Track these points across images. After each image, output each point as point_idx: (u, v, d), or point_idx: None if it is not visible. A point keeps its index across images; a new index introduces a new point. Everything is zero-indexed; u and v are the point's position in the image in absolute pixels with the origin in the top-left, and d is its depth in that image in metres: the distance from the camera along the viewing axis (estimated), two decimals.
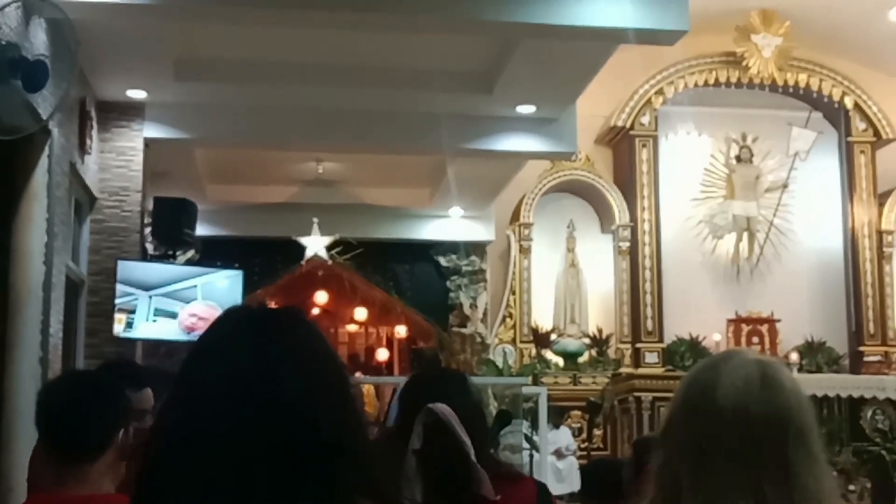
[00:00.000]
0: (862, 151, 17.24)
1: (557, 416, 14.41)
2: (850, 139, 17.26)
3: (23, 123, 6.63)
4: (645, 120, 16.73)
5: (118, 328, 10.04)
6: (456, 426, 2.72)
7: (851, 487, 12.79)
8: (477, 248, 16.38)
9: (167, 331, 10.42)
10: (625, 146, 16.87)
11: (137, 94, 10.47)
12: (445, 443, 2.71)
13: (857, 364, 16.39)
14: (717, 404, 1.66)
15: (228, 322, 1.55)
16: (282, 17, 8.47)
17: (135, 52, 9.40)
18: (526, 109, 11.08)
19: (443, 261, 16.30)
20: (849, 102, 17.04)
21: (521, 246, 16.56)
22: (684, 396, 1.72)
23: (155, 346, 10.54)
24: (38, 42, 7.57)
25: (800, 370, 14.90)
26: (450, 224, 15.85)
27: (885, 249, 17.05)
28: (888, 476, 12.65)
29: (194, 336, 10.18)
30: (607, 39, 9.14)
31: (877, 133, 17.09)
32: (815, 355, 16.53)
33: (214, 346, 1.51)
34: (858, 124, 17.19)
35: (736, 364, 1.71)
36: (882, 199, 17.15)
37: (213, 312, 10.29)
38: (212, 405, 1.43)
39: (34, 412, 2.81)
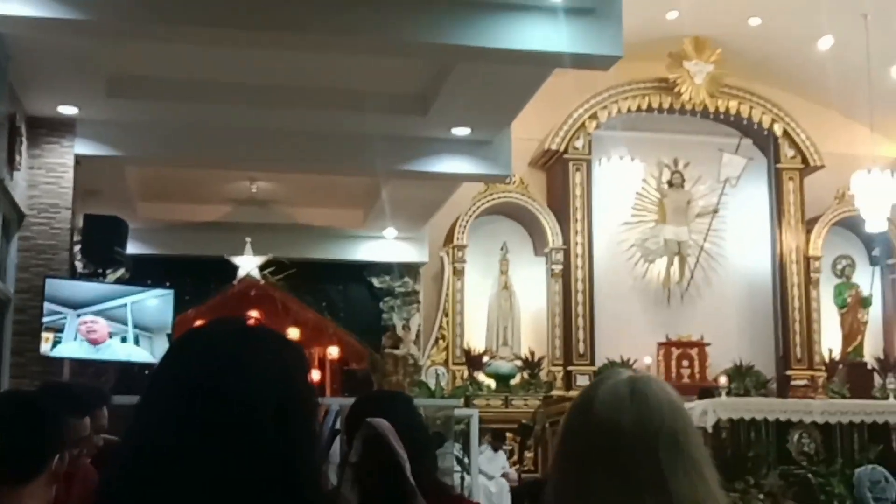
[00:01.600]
0: (790, 178, 17.52)
1: (498, 440, 14.43)
2: (779, 166, 17.53)
3: None
4: (579, 144, 16.85)
5: (45, 347, 9.89)
6: (393, 441, 2.72)
7: None
8: (410, 270, 16.37)
9: (85, 349, 10.28)
10: (558, 169, 16.98)
11: (68, 111, 10.34)
12: (382, 456, 2.71)
13: (784, 388, 16.60)
14: (592, 420, 1.71)
15: (204, 335, 1.57)
16: (215, 37, 8.42)
17: (66, 68, 9.29)
18: (461, 132, 11.12)
19: (376, 282, 16.27)
20: (778, 130, 17.31)
21: (454, 268, 16.57)
22: (566, 419, 1.78)
23: (83, 366, 10.37)
24: None
25: (728, 393, 15.01)
26: (383, 245, 15.83)
27: (812, 275, 17.32)
28: (814, 499, 12.78)
29: (103, 348, 10.08)
30: (543, 63, 9.20)
31: (805, 160, 17.38)
32: (743, 379, 16.71)
33: (172, 363, 1.53)
34: (787, 151, 17.47)
35: (609, 381, 1.77)
36: (809, 225, 17.43)
37: (98, 319, 10.19)
38: (162, 421, 1.45)
39: None
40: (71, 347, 10.09)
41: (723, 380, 16.04)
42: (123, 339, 10.32)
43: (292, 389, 1.52)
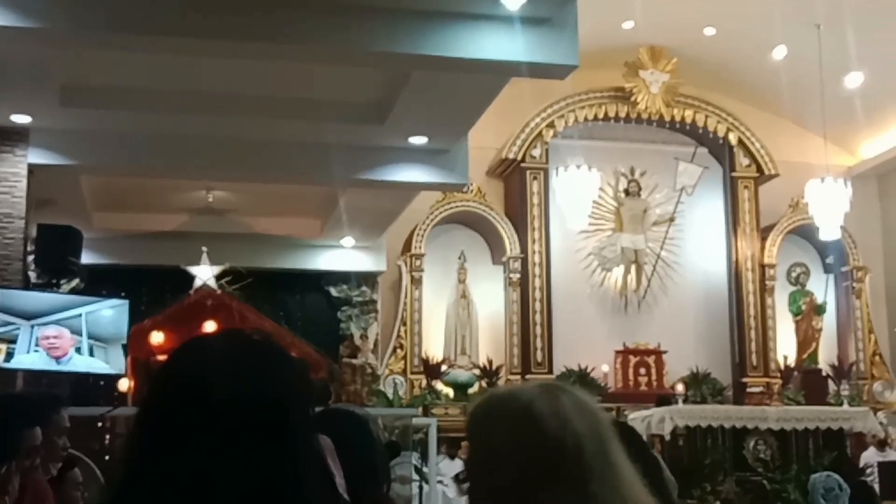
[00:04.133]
0: (745, 186, 17.66)
1: (453, 447, 14.41)
2: (733, 174, 17.68)
3: None
4: (536, 152, 16.91)
5: None
6: (329, 459, 2.71)
7: None
8: (368, 279, 16.35)
9: (44, 361, 10.17)
10: (516, 178, 17.03)
11: (21, 119, 10.24)
12: None
13: (740, 395, 16.72)
14: (543, 434, 1.72)
15: (209, 346, 1.63)
16: (170, 45, 8.37)
17: (19, 76, 9.20)
18: (418, 140, 11.12)
19: (334, 291, 16.24)
20: (733, 139, 17.46)
21: (412, 276, 16.56)
22: (502, 434, 1.76)
23: (37, 378, 10.26)
24: None
25: (685, 401, 15.10)
26: (341, 254, 15.80)
27: (767, 282, 17.46)
28: None
29: (64, 362, 9.98)
30: (499, 72, 9.22)
31: (759, 169, 17.53)
32: (699, 386, 16.82)
33: (193, 367, 1.57)
34: (742, 160, 17.61)
35: (540, 397, 1.77)
36: (764, 233, 17.58)
37: (64, 333, 10.09)
38: (168, 428, 1.50)
39: None
40: (27, 359, 9.97)
41: (679, 387, 16.12)
42: (78, 350, 10.21)
43: (294, 398, 1.57)
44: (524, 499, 1.70)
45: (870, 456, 13.53)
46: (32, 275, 11.17)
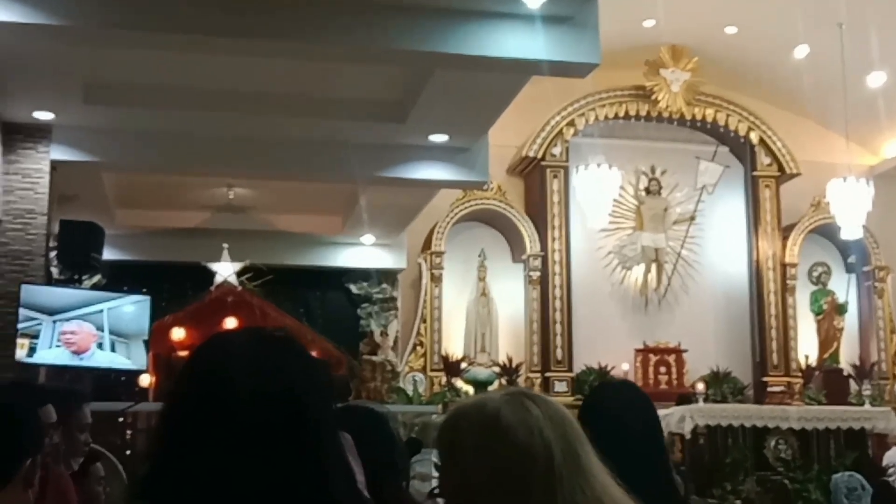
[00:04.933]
0: (767, 186, 17.60)
1: None
2: (755, 173, 17.61)
3: None
4: (556, 151, 16.89)
5: (20, 353, 9.84)
6: (349, 456, 2.72)
7: None
8: (388, 276, 16.37)
9: (67, 357, 10.23)
10: (536, 176, 17.01)
11: (45, 116, 10.30)
12: None
13: (760, 394, 16.65)
14: (523, 446, 1.73)
15: (231, 342, 1.65)
16: (192, 43, 8.40)
17: (43, 74, 9.26)
18: (439, 138, 11.13)
19: (354, 288, 16.26)
20: (754, 137, 17.39)
21: (432, 274, 16.57)
22: (473, 442, 1.77)
23: (59, 372, 10.32)
24: None
25: (706, 400, 15.06)
26: (361, 252, 15.82)
27: (788, 282, 17.39)
28: None
29: (86, 357, 10.03)
30: (521, 71, 9.22)
31: (781, 168, 17.46)
32: (720, 385, 16.76)
33: (216, 364, 1.59)
34: (763, 159, 17.54)
35: (508, 406, 1.78)
36: (786, 232, 17.51)
37: (84, 328, 10.14)
38: (195, 424, 1.53)
39: None
40: (49, 354, 10.03)
41: (700, 386, 16.06)
42: (100, 346, 10.27)
43: (314, 395, 1.59)
44: None
45: (892, 456, 13.45)
46: (55, 270, 11.24)
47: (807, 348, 17.45)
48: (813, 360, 17.44)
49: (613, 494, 1.74)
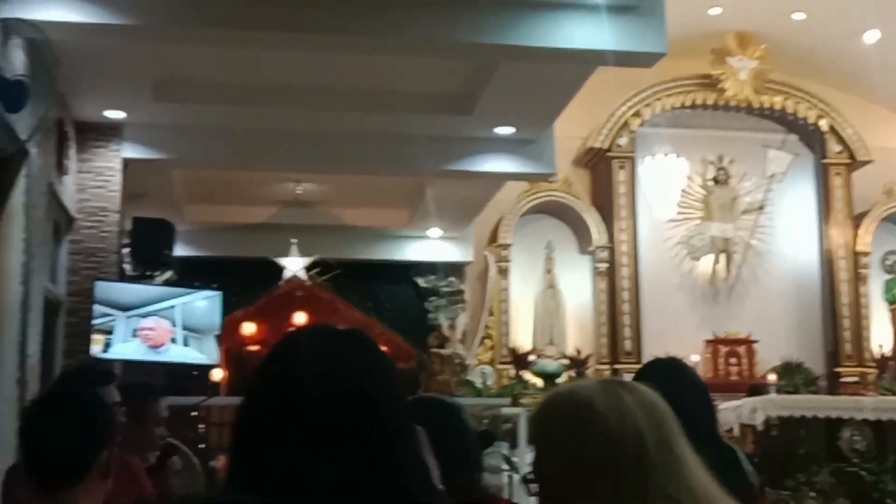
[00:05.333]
0: (837, 173, 17.36)
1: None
2: (825, 161, 17.38)
3: (1, 144, 6.60)
4: (622, 141, 16.80)
5: (96, 349, 9.99)
6: (424, 450, 2.73)
7: None
8: (455, 269, 16.40)
9: (142, 351, 10.37)
10: (602, 167, 16.94)
11: (116, 115, 10.44)
12: None
13: (834, 385, 16.46)
14: (616, 435, 1.73)
15: (302, 341, 1.65)
16: (260, 40, 8.47)
17: (113, 73, 9.38)
18: (505, 131, 11.11)
19: (421, 282, 16.30)
20: (824, 125, 17.16)
21: (499, 267, 16.57)
22: (578, 439, 1.77)
23: (133, 367, 10.47)
24: (17, 62, 7.56)
25: (777, 391, 14.89)
26: (428, 245, 15.86)
27: (860, 271, 17.14)
28: (867, 496, 12.65)
29: (161, 352, 10.16)
30: (586, 61, 9.18)
31: (852, 155, 17.21)
32: (792, 376, 16.57)
33: (287, 364, 1.60)
34: (834, 147, 17.31)
35: (601, 395, 1.79)
36: (857, 220, 17.26)
37: (161, 324, 10.27)
38: (270, 423, 1.54)
39: (15, 437, 2.78)
40: (124, 349, 10.18)
41: (771, 377, 15.92)
42: (173, 341, 10.40)
43: (390, 390, 1.61)
44: (585, 495, 1.70)
45: None
46: (127, 267, 11.39)
47: (881, 338, 17.20)
48: (887, 350, 17.19)
49: (708, 489, 1.73)
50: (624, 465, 1.70)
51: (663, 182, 16.54)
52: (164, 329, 10.31)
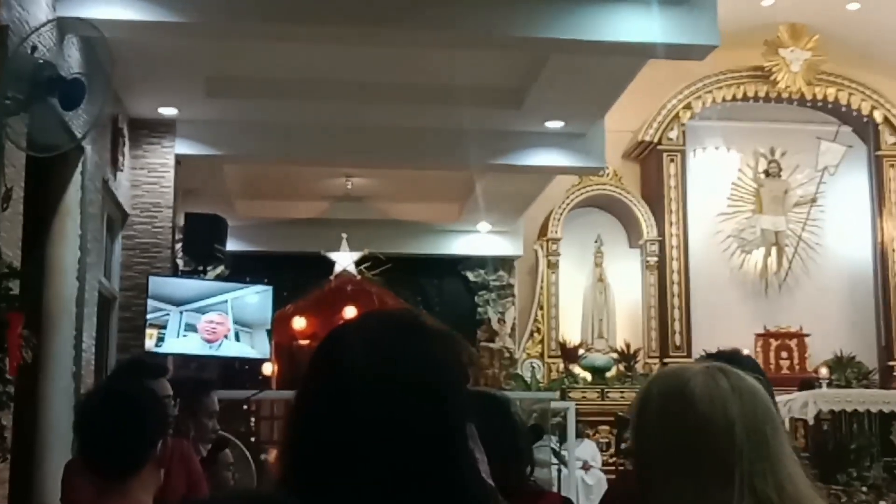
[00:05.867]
0: (891, 165, 17.18)
1: (581, 429, 14.39)
2: (879, 153, 17.21)
3: (58, 141, 6.70)
4: (673, 135, 16.72)
5: (149, 343, 10.08)
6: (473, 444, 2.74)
7: (882, 503, 12.69)
8: (505, 263, 16.40)
9: (198, 346, 10.46)
10: (652, 161, 16.87)
11: (168, 112, 10.54)
12: None
13: (887, 379, 16.29)
14: (702, 418, 1.72)
15: (378, 325, 1.60)
16: (311, 35, 8.51)
17: (166, 70, 9.47)
18: (554, 125, 11.09)
19: (471, 276, 16.32)
20: (878, 116, 16.98)
21: (548, 261, 16.56)
22: (663, 419, 1.77)
23: (186, 361, 10.58)
24: (73, 61, 7.67)
25: (829, 385, 14.79)
26: (478, 239, 15.87)
27: None
28: None
29: (215, 346, 10.25)
30: (637, 55, 9.14)
31: None
32: (844, 370, 16.44)
33: (364, 346, 1.55)
34: (888, 138, 17.13)
35: (700, 377, 1.77)
36: None
37: (226, 319, 10.34)
38: (327, 414, 1.50)
39: (72, 430, 2.84)
40: (180, 343, 10.27)
41: (823, 371, 15.81)
42: (226, 336, 10.49)
43: (455, 381, 1.56)
44: (671, 475, 1.71)
45: None
46: (180, 262, 11.50)
47: None
48: None
49: (799, 487, 1.70)
50: (709, 450, 1.69)
51: (714, 175, 16.48)
52: (227, 324, 10.39)
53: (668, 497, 1.71)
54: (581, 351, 16.53)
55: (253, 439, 11.81)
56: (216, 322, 10.30)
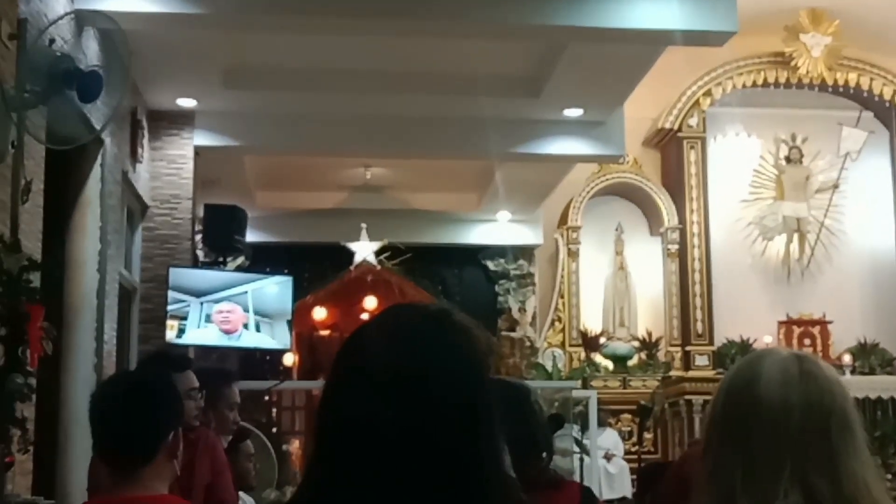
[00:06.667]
0: None
1: (603, 418, 14.37)
2: None
3: (77, 134, 6.71)
4: (693, 122, 16.65)
5: (170, 335, 10.12)
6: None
7: None
8: (525, 252, 16.37)
9: (218, 337, 10.48)
10: (673, 148, 16.80)
11: (187, 103, 10.56)
12: None
13: None
14: (760, 399, 1.69)
15: (393, 320, 1.58)
16: (328, 25, 8.51)
17: (184, 62, 9.49)
18: (573, 113, 11.06)
19: (491, 265, 16.30)
20: None
21: (569, 249, 16.52)
22: (727, 396, 1.75)
23: (207, 352, 10.61)
24: (92, 53, 7.68)
25: (852, 372, 14.74)
26: (498, 228, 15.85)
27: None
28: None
29: (235, 337, 10.27)
30: (655, 42, 9.11)
31: None
32: (867, 357, 16.36)
33: (373, 343, 1.54)
34: None
35: (774, 359, 1.75)
36: None
37: (235, 307, 10.36)
38: (370, 398, 1.47)
39: (88, 419, 2.86)
40: (198, 334, 10.30)
41: (847, 358, 15.74)
42: (245, 326, 10.52)
43: (482, 374, 1.53)
44: (725, 453, 1.70)
45: None
46: (200, 253, 11.53)
47: None
48: None
49: (860, 489, 1.63)
50: (761, 433, 1.66)
51: (735, 162, 16.40)
52: (239, 313, 10.40)
53: (719, 476, 1.69)
54: (602, 339, 16.50)
55: (274, 430, 11.86)
56: (226, 311, 10.33)
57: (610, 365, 16.41)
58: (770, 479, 1.63)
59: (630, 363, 16.45)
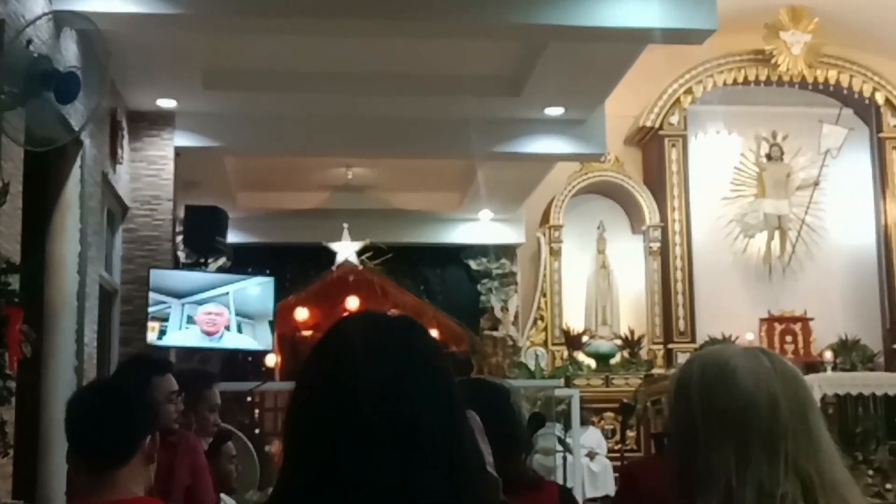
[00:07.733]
0: (894, 147, 17.15)
1: (585, 416, 14.37)
2: (881, 135, 17.17)
3: (55, 135, 6.68)
4: (674, 120, 16.69)
5: (151, 336, 10.07)
6: (478, 435, 2.72)
7: (888, 486, 12.69)
8: (507, 251, 16.39)
9: (199, 338, 10.44)
10: (654, 146, 16.84)
11: (167, 104, 10.52)
12: None
13: (892, 361, 16.27)
14: (743, 390, 1.73)
15: (352, 329, 1.59)
16: (308, 26, 8.49)
17: (164, 62, 9.45)
18: (554, 111, 11.06)
19: (473, 264, 16.31)
20: (880, 98, 16.94)
21: (551, 248, 16.54)
22: (702, 393, 1.77)
23: (189, 354, 10.57)
24: (70, 54, 7.63)
25: (834, 368, 14.78)
26: (480, 227, 15.85)
27: None
28: None
29: (216, 339, 10.23)
30: (635, 40, 9.11)
31: None
32: (849, 353, 16.43)
33: (338, 352, 1.55)
34: (890, 120, 17.09)
35: (739, 352, 1.80)
36: None
37: (224, 310, 10.32)
38: (337, 406, 1.48)
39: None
40: (179, 336, 10.26)
41: (828, 355, 15.79)
42: (227, 327, 10.47)
43: (450, 382, 1.55)
44: (714, 450, 1.70)
45: None
46: (181, 255, 11.48)
47: None
48: None
49: (836, 471, 1.72)
50: (754, 428, 1.70)
51: (716, 160, 16.44)
52: (225, 315, 10.37)
53: (712, 468, 1.70)
54: (585, 338, 16.51)
55: (257, 431, 11.80)
56: (214, 313, 10.28)
57: (592, 363, 16.43)
58: (768, 465, 1.67)
59: (612, 361, 16.48)
